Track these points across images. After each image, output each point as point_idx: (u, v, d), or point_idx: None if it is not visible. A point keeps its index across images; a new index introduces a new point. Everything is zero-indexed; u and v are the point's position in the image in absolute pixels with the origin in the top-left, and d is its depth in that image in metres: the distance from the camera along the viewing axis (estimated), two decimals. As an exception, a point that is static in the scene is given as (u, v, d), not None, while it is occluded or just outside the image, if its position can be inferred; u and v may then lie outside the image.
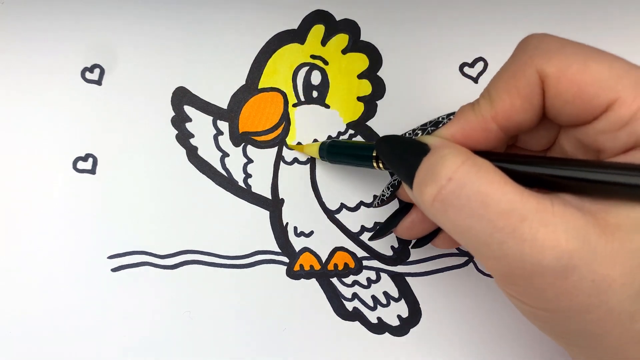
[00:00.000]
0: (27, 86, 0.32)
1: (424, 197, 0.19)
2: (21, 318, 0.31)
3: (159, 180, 0.31)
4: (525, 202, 0.17)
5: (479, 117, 0.20)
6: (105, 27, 0.32)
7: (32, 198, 0.31)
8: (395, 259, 0.30)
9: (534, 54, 0.19)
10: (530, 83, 0.19)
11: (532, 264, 0.17)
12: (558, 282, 0.17)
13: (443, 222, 0.19)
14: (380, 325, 0.30)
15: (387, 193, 0.26)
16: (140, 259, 0.31)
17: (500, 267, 0.18)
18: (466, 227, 0.18)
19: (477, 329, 0.30)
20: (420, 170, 0.19)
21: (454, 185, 0.18)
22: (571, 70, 0.18)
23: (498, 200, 0.17)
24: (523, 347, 0.29)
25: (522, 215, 0.17)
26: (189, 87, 0.32)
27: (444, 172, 0.18)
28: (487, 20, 0.31)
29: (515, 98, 0.19)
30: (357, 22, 0.31)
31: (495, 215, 0.17)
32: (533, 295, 0.18)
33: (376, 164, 0.25)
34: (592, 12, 0.30)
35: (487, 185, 0.17)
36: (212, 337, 0.31)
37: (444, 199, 0.18)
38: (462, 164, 0.18)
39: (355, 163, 0.27)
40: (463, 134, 0.20)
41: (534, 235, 0.16)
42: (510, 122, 0.20)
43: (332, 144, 0.28)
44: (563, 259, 0.16)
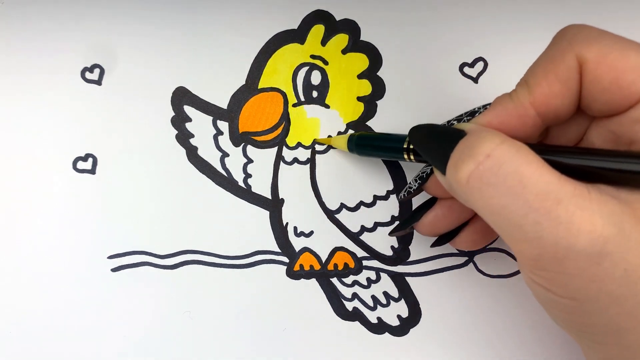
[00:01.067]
0: (27, 86, 0.32)
1: (459, 174, 0.18)
2: (21, 318, 0.31)
3: (159, 180, 0.31)
4: (562, 185, 0.17)
5: (516, 103, 0.20)
6: (105, 27, 0.32)
7: (32, 198, 0.31)
8: (395, 259, 0.30)
9: (574, 41, 0.19)
10: (569, 67, 0.19)
11: (565, 247, 0.17)
12: (590, 268, 0.17)
13: (476, 200, 0.18)
14: (380, 325, 0.30)
15: (415, 185, 0.26)
16: (140, 259, 0.31)
17: (531, 250, 0.18)
18: (501, 206, 0.17)
19: (477, 329, 0.30)
20: (456, 151, 0.19)
21: (492, 162, 0.17)
22: (611, 57, 0.18)
23: (536, 181, 0.17)
24: (523, 347, 0.29)
25: (559, 198, 0.17)
26: (189, 87, 0.32)
27: (482, 149, 0.18)
28: (487, 20, 0.31)
29: (553, 83, 0.19)
30: (357, 22, 0.31)
31: (531, 196, 0.17)
32: (562, 281, 0.18)
33: (407, 156, 0.24)
34: (593, 12, 0.30)
35: (525, 166, 0.17)
36: (212, 337, 0.31)
37: (481, 176, 0.18)
38: (501, 143, 0.18)
39: (385, 155, 0.27)
40: (499, 121, 0.20)
41: (570, 218, 0.16)
42: (548, 108, 0.20)
43: (360, 136, 0.28)
44: (598, 244, 0.16)
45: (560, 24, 0.30)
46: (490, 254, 0.30)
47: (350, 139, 0.28)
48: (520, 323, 0.29)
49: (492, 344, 0.30)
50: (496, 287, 0.30)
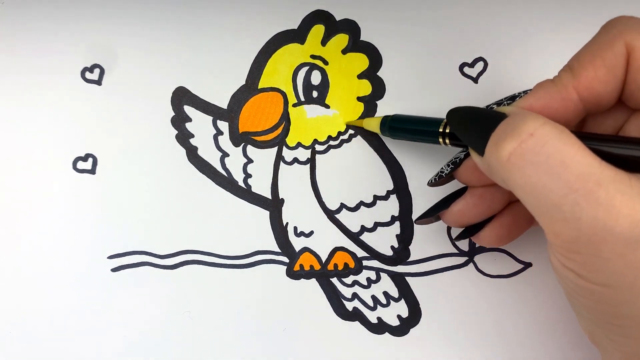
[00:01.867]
0: (27, 86, 0.32)
1: (500, 152, 0.18)
2: (21, 318, 0.31)
3: (159, 180, 0.31)
4: (603, 169, 0.17)
5: (559, 86, 0.20)
6: (105, 27, 0.32)
7: (32, 198, 0.31)
8: (395, 259, 0.30)
9: (624, 30, 0.19)
10: (617, 54, 0.19)
11: (604, 230, 0.16)
12: (628, 253, 0.16)
13: (516, 178, 0.18)
14: (380, 325, 0.30)
15: (447, 170, 0.25)
16: (140, 259, 0.31)
17: (568, 231, 0.17)
18: (541, 185, 0.17)
19: (477, 329, 0.30)
20: (498, 130, 0.19)
21: (535, 141, 0.17)
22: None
23: (577, 162, 0.17)
24: (523, 347, 0.29)
25: (599, 181, 0.16)
26: (189, 87, 0.32)
27: (525, 127, 0.18)
28: (487, 20, 0.31)
29: (599, 68, 0.19)
30: (357, 22, 0.31)
31: (573, 176, 0.17)
32: (596, 266, 0.17)
33: (442, 140, 0.24)
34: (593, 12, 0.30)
35: (567, 147, 0.17)
36: (212, 337, 0.31)
37: (524, 154, 0.18)
38: (544, 124, 0.18)
39: (420, 138, 0.26)
40: (541, 104, 0.20)
41: (611, 201, 0.16)
42: (592, 92, 0.20)
43: (395, 117, 0.27)
44: (637, 228, 0.16)
45: (560, 24, 0.30)
46: (490, 254, 0.30)
47: (384, 121, 0.28)
48: (520, 323, 0.29)
49: (492, 344, 0.30)
50: (496, 287, 0.30)
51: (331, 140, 0.31)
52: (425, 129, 0.25)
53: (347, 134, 0.31)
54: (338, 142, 0.31)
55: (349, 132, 0.31)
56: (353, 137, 0.31)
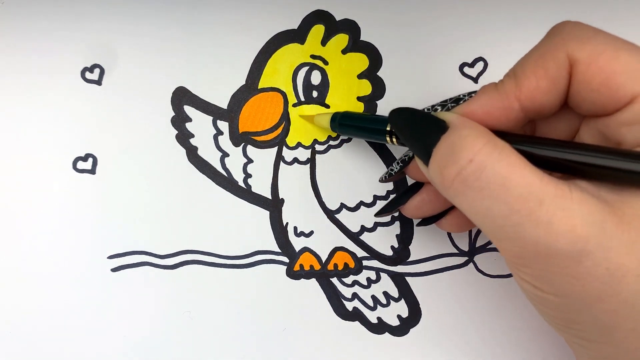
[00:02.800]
0: (27, 86, 0.32)
1: (443, 177, 0.19)
2: (21, 318, 0.31)
3: (159, 180, 0.31)
4: (544, 186, 0.17)
5: (502, 94, 0.20)
6: (105, 27, 0.32)
7: (32, 198, 0.31)
8: (395, 259, 0.30)
9: (567, 38, 0.19)
10: (559, 65, 0.19)
11: (546, 247, 0.17)
12: (572, 266, 0.17)
13: (460, 202, 0.19)
14: (380, 325, 0.30)
15: (396, 168, 0.26)
16: (140, 259, 0.31)
17: (514, 249, 0.18)
18: (484, 208, 0.18)
19: (477, 329, 0.30)
20: (439, 149, 0.19)
21: (475, 166, 0.18)
22: (602, 58, 0.18)
23: (517, 184, 0.17)
24: (523, 347, 0.29)
25: (540, 199, 0.17)
26: (189, 87, 0.32)
27: (464, 153, 0.18)
28: (487, 20, 0.31)
29: (541, 79, 0.19)
30: (357, 22, 0.31)
31: (513, 198, 0.17)
32: (545, 279, 0.18)
33: (389, 139, 0.24)
34: (594, 12, 0.30)
35: (507, 168, 0.17)
36: (212, 337, 0.31)
37: (464, 180, 0.18)
38: (483, 146, 0.18)
39: (368, 136, 0.26)
40: (483, 111, 0.20)
41: (550, 219, 0.17)
42: (534, 103, 0.20)
43: (345, 114, 0.28)
44: (578, 243, 0.16)
45: (560, 24, 0.30)
46: (490, 254, 0.30)
47: (334, 118, 0.28)
48: (520, 323, 0.29)
49: (492, 344, 0.30)
50: (496, 287, 0.30)
51: (331, 140, 0.31)
52: (373, 127, 0.26)
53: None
54: (338, 142, 0.31)
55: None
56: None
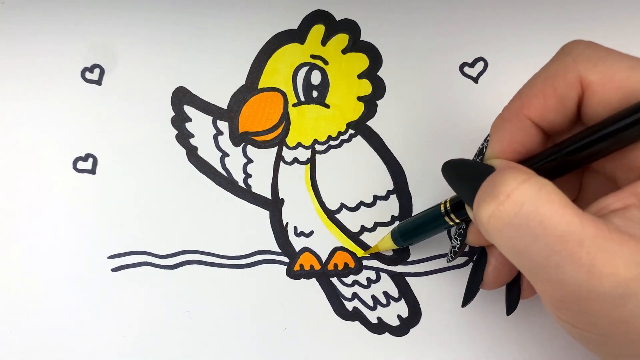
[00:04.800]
0: (27, 86, 0.32)
1: (481, 214, 0.18)
2: (21, 318, 0.31)
3: (159, 180, 0.31)
4: (584, 226, 0.16)
5: (511, 120, 0.20)
6: (105, 27, 0.32)
7: (32, 198, 0.31)
8: (395, 259, 0.30)
9: (579, 60, 0.19)
10: (569, 86, 0.19)
11: (589, 291, 0.16)
12: (615, 310, 0.17)
13: (498, 240, 0.18)
14: (380, 325, 0.30)
15: (457, 244, 0.26)
16: (140, 259, 0.31)
17: (554, 292, 0.18)
18: (522, 247, 0.17)
19: (477, 329, 0.30)
20: (480, 190, 0.19)
21: (513, 202, 0.17)
22: (617, 77, 0.18)
23: (557, 222, 0.16)
24: (523, 347, 0.29)
25: (580, 240, 0.16)
26: (189, 87, 0.32)
27: (503, 188, 0.17)
28: (487, 20, 0.31)
29: (550, 97, 0.19)
30: (357, 22, 0.31)
31: (553, 238, 0.16)
32: (588, 321, 0.18)
33: (449, 219, 0.24)
34: (594, 12, 0.30)
35: (546, 206, 0.17)
36: (212, 337, 0.31)
37: (502, 216, 0.17)
38: (522, 182, 0.17)
39: (432, 231, 0.27)
40: (507, 143, 0.21)
41: (592, 262, 0.16)
42: (544, 120, 0.20)
43: (401, 229, 0.28)
44: (620, 286, 0.16)
45: (560, 24, 0.30)
46: (490, 254, 0.30)
47: (394, 237, 0.28)
48: (520, 323, 0.29)
49: (492, 344, 0.30)
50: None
51: (331, 140, 0.31)
52: (430, 222, 0.26)
53: (347, 134, 0.31)
54: (338, 142, 0.31)
55: (349, 132, 0.31)
56: (353, 137, 0.31)
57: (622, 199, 0.18)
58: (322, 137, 0.31)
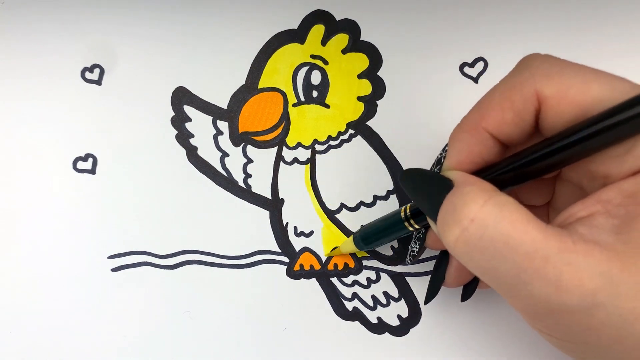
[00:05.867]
0: (27, 86, 0.32)
1: (447, 238, 0.19)
2: (21, 318, 0.31)
3: (159, 180, 0.31)
4: (547, 241, 0.17)
5: (470, 132, 0.21)
6: (105, 27, 0.32)
7: (32, 198, 0.31)
8: (395, 259, 0.30)
9: (535, 73, 0.19)
10: (525, 100, 0.19)
11: (558, 304, 0.17)
12: (585, 320, 0.17)
13: (467, 262, 0.19)
14: (380, 325, 0.30)
15: (416, 248, 0.26)
16: (140, 259, 0.31)
17: (526, 306, 0.18)
18: (490, 268, 0.18)
19: (477, 329, 0.30)
20: (443, 209, 0.19)
21: (477, 226, 0.17)
22: (572, 92, 0.18)
23: (521, 241, 0.17)
24: (523, 347, 0.29)
25: (546, 256, 0.17)
26: (189, 87, 0.32)
27: (465, 212, 0.18)
28: (487, 20, 0.31)
29: (507, 110, 0.19)
30: (357, 22, 0.31)
31: (519, 257, 0.17)
32: (562, 330, 0.18)
33: (409, 224, 0.25)
34: (593, 12, 0.30)
35: (509, 226, 0.17)
36: (212, 337, 0.31)
37: (467, 241, 0.18)
38: (484, 204, 0.18)
39: (392, 236, 0.27)
40: (465, 155, 0.21)
41: (558, 276, 0.16)
42: (501, 132, 0.20)
43: (362, 234, 0.28)
44: (588, 297, 0.16)
45: (560, 24, 0.30)
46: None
47: (356, 241, 0.28)
48: (521, 323, 0.29)
49: (492, 344, 0.30)
50: (496, 287, 0.30)
51: (331, 140, 0.31)
52: (391, 227, 0.26)
53: (347, 134, 0.31)
54: (338, 142, 0.31)
55: (349, 132, 0.31)
56: (353, 137, 0.31)
57: (587, 206, 0.18)
58: (322, 137, 0.31)
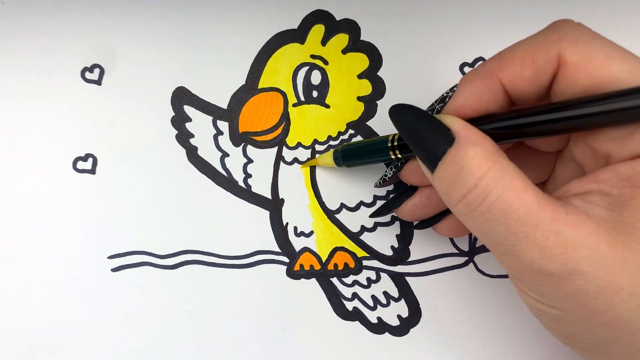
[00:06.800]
0: (27, 86, 0.32)
1: (449, 196, 0.20)
2: (21, 318, 0.31)
3: (159, 180, 0.31)
4: (541, 210, 0.18)
5: (483, 78, 0.21)
6: (105, 27, 0.32)
7: (32, 198, 0.31)
8: (395, 259, 0.30)
9: (564, 37, 0.19)
10: (548, 60, 0.19)
11: (540, 267, 0.18)
12: (565, 284, 0.18)
13: (464, 220, 0.20)
14: (380, 325, 0.30)
15: (390, 174, 0.26)
16: (140, 259, 0.31)
17: (512, 265, 0.19)
18: (485, 229, 0.19)
19: (477, 329, 0.30)
20: (445, 167, 0.20)
21: (479, 192, 0.19)
22: (593, 64, 0.18)
23: (517, 207, 0.18)
24: (523, 347, 0.29)
25: (536, 223, 0.18)
26: (189, 87, 0.32)
27: (469, 178, 0.19)
28: (487, 20, 0.31)
29: (527, 67, 0.20)
30: (357, 22, 0.31)
31: (512, 222, 0.18)
32: (542, 293, 0.19)
33: (393, 154, 0.24)
34: (594, 12, 0.30)
35: (508, 192, 0.18)
36: (212, 337, 0.31)
37: (469, 203, 0.19)
38: (488, 170, 0.18)
39: (372, 160, 0.27)
40: (472, 100, 0.21)
41: (544, 242, 0.18)
42: (514, 88, 0.20)
43: (345, 148, 0.28)
44: (569, 264, 0.17)
45: (560, 24, 0.30)
46: (490, 254, 0.30)
47: (336, 155, 0.28)
48: (521, 323, 0.29)
49: (492, 344, 0.30)
50: (496, 287, 0.30)
51: (331, 140, 0.31)
52: (375, 149, 0.26)
53: (347, 134, 0.31)
54: (338, 142, 0.31)
55: (349, 132, 0.31)
56: (353, 137, 0.31)
57: (584, 184, 0.19)
58: (322, 137, 0.31)
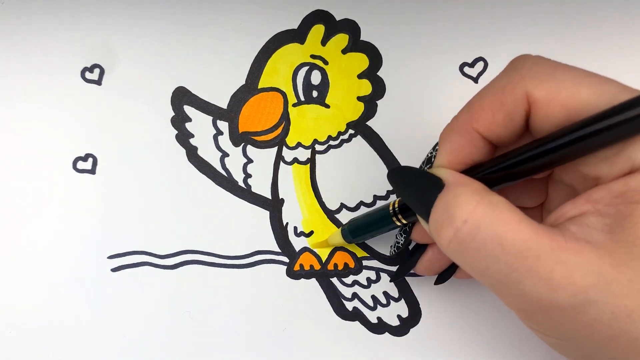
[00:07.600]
0: (27, 86, 0.32)
1: (441, 239, 0.19)
2: (21, 318, 0.31)
3: (159, 180, 0.31)
4: (539, 240, 0.17)
5: (460, 132, 0.21)
6: (105, 27, 0.32)
7: (32, 198, 0.31)
8: (395, 259, 0.30)
9: (526, 75, 0.19)
10: (516, 101, 0.19)
11: (549, 302, 0.17)
12: (577, 317, 0.17)
13: (460, 262, 0.19)
14: (380, 325, 0.30)
15: (402, 240, 0.27)
16: (140, 259, 0.31)
17: (519, 305, 0.19)
18: (483, 268, 0.18)
19: (477, 329, 0.30)
20: (436, 210, 0.19)
21: (470, 227, 0.18)
22: (562, 94, 0.18)
23: (513, 241, 0.17)
24: (523, 347, 0.29)
25: (537, 255, 0.17)
26: (189, 87, 0.32)
27: (458, 213, 0.18)
28: (487, 20, 0.31)
29: (498, 112, 0.20)
30: (357, 22, 0.31)
31: (511, 256, 0.17)
32: (554, 328, 0.18)
33: (396, 220, 0.25)
34: (594, 12, 0.30)
35: (502, 226, 0.17)
36: (212, 337, 0.31)
37: (461, 242, 0.18)
38: (477, 204, 0.18)
39: (380, 231, 0.27)
40: (455, 155, 0.21)
41: (549, 275, 0.17)
42: (491, 133, 0.20)
43: (350, 226, 0.28)
44: (579, 295, 0.17)
45: (560, 24, 0.30)
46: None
47: (344, 234, 0.29)
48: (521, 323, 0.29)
49: (492, 344, 0.30)
50: (496, 287, 0.30)
51: (331, 140, 0.31)
52: (379, 223, 0.26)
53: (347, 134, 0.31)
54: (338, 142, 0.31)
55: (349, 132, 0.31)
56: (353, 137, 0.31)
57: (578, 206, 0.19)
58: (322, 137, 0.31)
